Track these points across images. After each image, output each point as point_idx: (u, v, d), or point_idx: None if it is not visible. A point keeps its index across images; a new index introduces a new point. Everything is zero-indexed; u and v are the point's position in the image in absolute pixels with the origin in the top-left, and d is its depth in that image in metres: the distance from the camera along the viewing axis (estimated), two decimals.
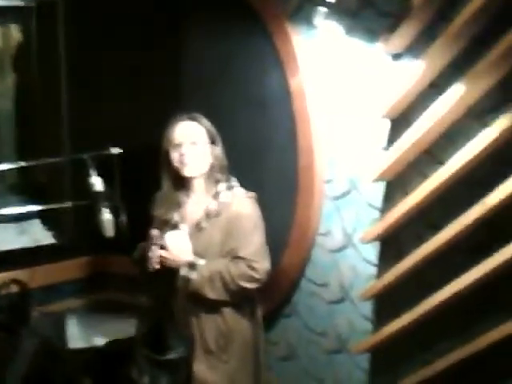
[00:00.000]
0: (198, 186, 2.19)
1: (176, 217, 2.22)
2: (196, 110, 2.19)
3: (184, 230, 2.12)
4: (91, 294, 2.94)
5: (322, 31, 2.15)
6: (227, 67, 2.60)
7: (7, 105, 2.90)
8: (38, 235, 2.78)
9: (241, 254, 2.12)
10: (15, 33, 2.88)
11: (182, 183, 2.21)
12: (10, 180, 2.94)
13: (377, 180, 2.01)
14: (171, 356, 1.97)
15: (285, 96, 2.35)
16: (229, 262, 2.12)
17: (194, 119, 2.18)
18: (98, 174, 2.20)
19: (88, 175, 2.20)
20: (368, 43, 2.05)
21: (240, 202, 2.15)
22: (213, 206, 2.15)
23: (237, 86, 2.57)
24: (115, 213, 2.25)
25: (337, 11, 2.07)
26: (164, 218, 2.23)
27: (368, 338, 2.17)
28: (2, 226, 2.73)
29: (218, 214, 2.14)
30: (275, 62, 2.38)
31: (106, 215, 2.20)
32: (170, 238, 2.13)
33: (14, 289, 2.44)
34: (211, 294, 2.12)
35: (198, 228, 2.17)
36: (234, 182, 2.19)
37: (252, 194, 2.19)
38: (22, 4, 2.75)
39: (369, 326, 2.19)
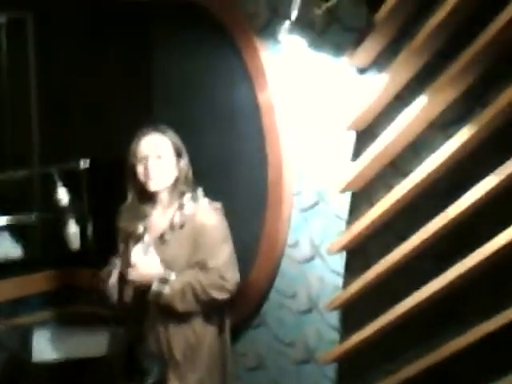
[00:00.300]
0: (163, 198, 2.19)
1: (141, 229, 2.20)
2: (166, 124, 2.20)
3: (147, 242, 2.12)
4: (59, 307, 2.91)
5: (289, 46, 2.17)
6: (197, 82, 2.62)
7: None
8: (6, 248, 2.76)
9: (210, 265, 2.12)
10: None
11: (147, 195, 2.21)
12: None
13: (343, 191, 2.03)
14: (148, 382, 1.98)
15: (253, 111, 2.37)
16: (197, 272, 2.12)
17: (159, 132, 2.19)
18: (65, 187, 2.19)
19: (55, 188, 2.20)
20: (334, 58, 2.08)
21: (205, 213, 2.16)
22: (177, 217, 2.15)
23: (206, 100, 2.58)
24: (82, 225, 2.26)
25: (302, 27, 2.08)
26: (129, 230, 2.22)
27: (335, 347, 2.17)
28: None
29: (182, 226, 2.14)
30: (244, 76, 2.40)
31: (72, 228, 2.19)
32: (136, 254, 2.12)
33: None
34: (182, 306, 2.11)
35: (162, 240, 2.17)
36: (200, 194, 2.19)
37: (217, 204, 2.19)
38: None
39: (336, 335, 2.21)
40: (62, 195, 2.18)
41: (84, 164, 2.31)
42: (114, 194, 2.27)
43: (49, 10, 2.84)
